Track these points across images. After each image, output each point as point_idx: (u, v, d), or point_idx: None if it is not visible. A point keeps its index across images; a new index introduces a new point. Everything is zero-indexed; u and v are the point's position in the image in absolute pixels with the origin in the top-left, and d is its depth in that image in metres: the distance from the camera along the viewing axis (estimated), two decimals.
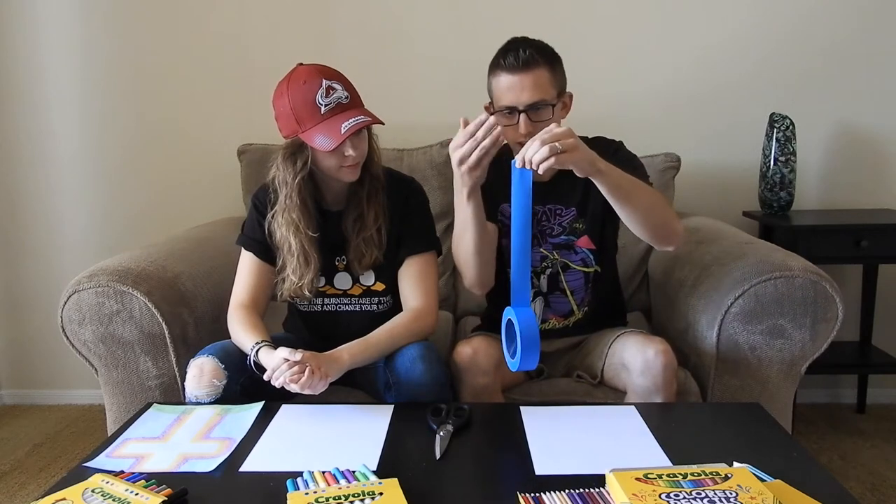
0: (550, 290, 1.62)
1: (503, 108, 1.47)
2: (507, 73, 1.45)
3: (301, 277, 1.45)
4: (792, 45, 2.34)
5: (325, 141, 1.33)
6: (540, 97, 1.44)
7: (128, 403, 1.61)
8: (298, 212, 1.43)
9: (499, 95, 1.48)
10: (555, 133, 1.19)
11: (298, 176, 1.41)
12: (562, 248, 1.60)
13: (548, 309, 1.63)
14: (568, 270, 1.61)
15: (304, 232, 1.44)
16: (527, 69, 1.43)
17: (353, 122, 1.33)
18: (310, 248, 1.45)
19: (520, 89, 1.44)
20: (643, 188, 1.37)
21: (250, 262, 1.51)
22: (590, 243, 1.60)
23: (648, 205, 1.35)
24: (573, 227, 1.59)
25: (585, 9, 2.35)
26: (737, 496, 0.91)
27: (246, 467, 1.11)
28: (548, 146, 1.16)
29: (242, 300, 1.49)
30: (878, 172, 2.40)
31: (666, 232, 1.40)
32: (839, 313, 1.53)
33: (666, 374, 1.41)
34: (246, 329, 1.42)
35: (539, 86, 1.44)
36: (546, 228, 1.59)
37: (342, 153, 1.37)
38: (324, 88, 1.34)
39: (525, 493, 0.97)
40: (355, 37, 2.39)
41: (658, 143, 2.21)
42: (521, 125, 1.45)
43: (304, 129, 1.34)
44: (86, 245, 2.53)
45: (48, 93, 2.46)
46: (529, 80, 1.43)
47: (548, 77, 1.45)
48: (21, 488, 2.05)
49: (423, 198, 1.57)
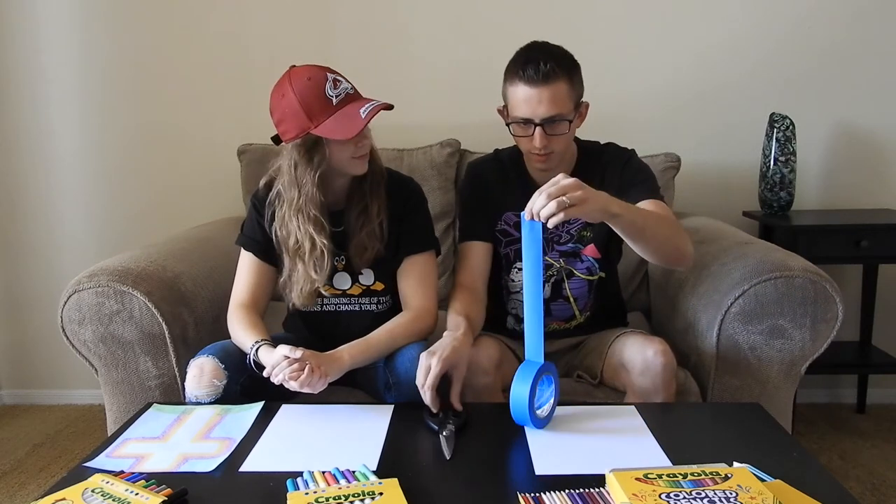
0: (553, 297, 1.61)
1: (519, 118, 1.45)
2: (525, 85, 1.42)
3: (320, 274, 1.44)
4: (792, 45, 2.34)
5: (345, 130, 1.32)
6: (557, 111, 1.42)
7: (128, 403, 1.61)
8: (319, 208, 1.42)
9: (515, 104, 1.45)
10: (562, 186, 1.15)
11: (317, 171, 1.39)
12: (568, 255, 1.60)
13: (549, 317, 1.62)
14: (572, 278, 1.61)
15: (327, 227, 1.43)
16: (546, 83, 1.40)
17: (371, 107, 1.33)
18: (330, 243, 1.44)
19: (537, 102, 1.41)
20: (655, 220, 1.35)
21: (250, 262, 1.51)
22: (595, 252, 1.59)
23: (661, 237, 1.34)
24: (581, 234, 1.58)
25: (585, 9, 2.35)
26: (737, 496, 0.91)
27: (246, 467, 1.11)
28: (555, 201, 1.12)
29: (242, 300, 1.49)
30: (878, 172, 2.40)
31: (676, 257, 1.40)
32: (839, 313, 1.53)
33: (665, 374, 1.41)
34: (246, 328, 1.42)
35: (557, 100, 1.42)
36: (554, 236, 1.59)
37: (355, 143, 1.37)
38: (331, 81, 1.34)
39: (525, 493, 0.97)
40: (355, 37, 2.39)
41: (658, 143, 2.21)
42: (536, 138, 1.43)
43: (318, 122, 1.33)
44: (86, 245, 2.53)
45: (48, 93, 2.46)
46: (548, 94, 1.41)
47: (566, 90, 1.43)
48: (21, 488, 2.05)
49: (422, 198, 1.56)
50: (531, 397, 1.18)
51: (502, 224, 1.60)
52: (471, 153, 2.25)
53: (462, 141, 2.25)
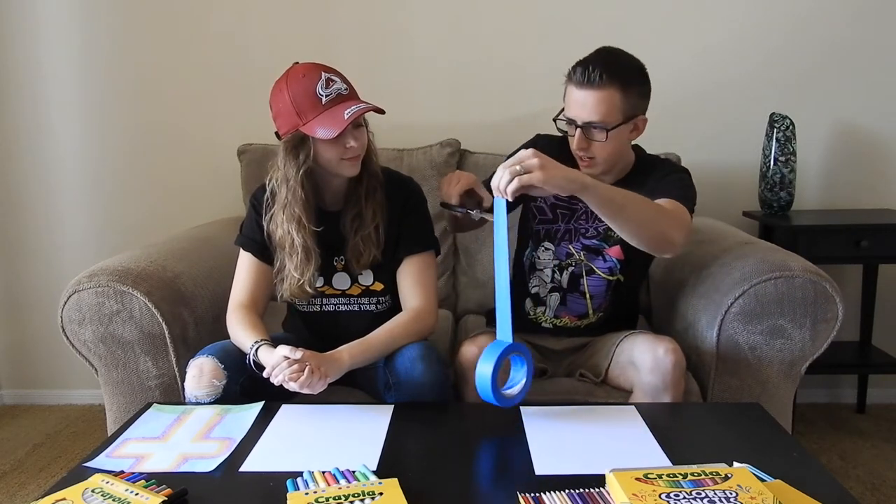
0: (570, 289, 1.62)
1: (564, 117, 1.50)
2: (573, 86, 1.46)
3: (303, 274, 1.45)
4: (792, 45, 2.34)
5: (328, 130, 1.33)
6: (598, 118, 1.44)
7: (128, 403, 1.61)
8: (301, 206, 1.42)
9: (567, 102, 1.49)
10: (517, 157, 1.20)
11: (301, 170, 1.40)
12: (591, 251, 1.60)
13: (563, 307, 1.63)
14: (592, 275, 1.61)
15: (307, 226, 1.43)
16: (591, 87, 1.42)
17: (356, 109, 1.34)
18: (311, 243, 1.45)
19: (580, 105, 1.45)
20: (639, 202, 1.33)
21: (249, 262, 1.51)
22: (620, 253, 1.59)
23: (643, 219, 1.33)
24: (608, 233, 1.58)
25: (585, 9, 2.35)
26: (737, 496, 0.91)
27: (246, 467, 1.11)
28: (508, 170, 1.17)
29: (242, 300, 1.49)
30: (878, 172, 2.40)
31: (660, 242, 1.38)
32: (839, 313, 1.53)
33: (675, 372, 1.41)
34: (245, 328, 1.42)
35: (601, 107, 1.43)
36: (581, 228, 1.60)
37: (343, 144, 1.37)
38: (323, 80, 1.35)
39: (525, 493, 0.97)
40: (355, 37, 2.39)
41: (658, 143, 2.20)
42: (575, 139, 1.47)
43: (306, 120, 1.35)
44: (86, 245, 2.53)
45: (48, 93, 2.46)
46: (592, 99, 1.43)
47: (616, 100, 1.43)
48: (21, 488, 2.05)
49: (421, 197, 1.56)
50: (495, 374, 1.20)
51: (540, 201, 1.63)
52: (471, 153, 2.25)
53: (462, 141, 2.25)
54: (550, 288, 1.64)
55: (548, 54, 2.32)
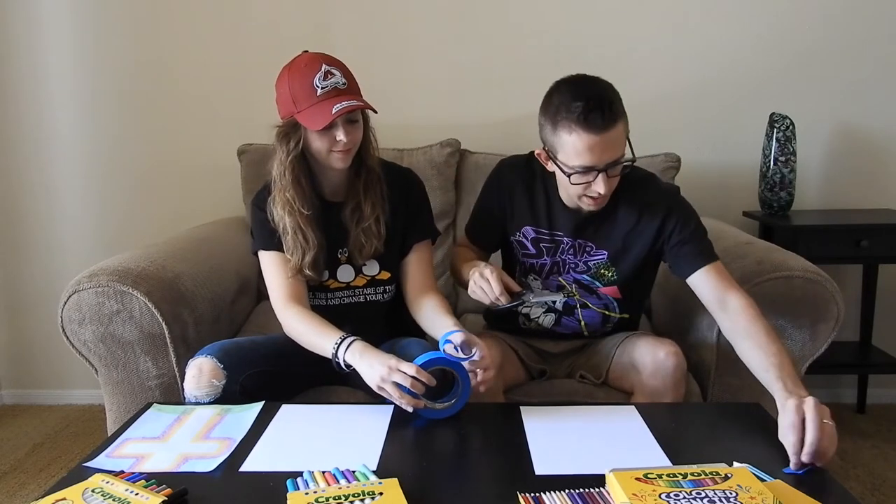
0: (566, 313, 1.59)
1: (579, 167, 1.35)
2: (588, 133, 1.32)
3: (302, 256, 1.44)
4: (792, 45, 2.34)
5: (314, 122, 1.35)
6: (620, 153, 1.36)
7: (128, 403, 1.60)
8: (293, 190, 1.43)
9: (574, 153, 1.34)
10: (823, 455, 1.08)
11: (291, 154, 1.42)
12: (584, 287, 1.55)
13: (558, 326, 1.61)
14: (587, 308, 1.58)
15: (299, 210, 1.44)
16: (608, 128, 1.32)
17: (345, 105, 1.35)
18: (306, 226, 1.44)
19: (601, 150, 1.33)
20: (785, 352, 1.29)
21: (274, 259, 1.49)
22: (617, 293, 1.56)
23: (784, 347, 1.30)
24: (600, 272, 1.53)
25: (586, 9, 2.34)
26: (737, 496, 0.91)
27: (246, 467, 1.11)
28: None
29: (287, 296, 1.45)
30: (878, 172, 2.40)
31: None
32: (839, 313, 1.53)
33: (676, 374, 1.41)
34: (312, 327, 1.39)
35: (620, 141, 1.35)
36: (570, 262, 1.54)
37: (332, 137, 1.38)
38: (322, 72, 1.37)
39: (525, 493, 0.97)
40: (356, 37, 2.39)
41: (658, 143, 2.21)
42: (600, 184, 1.36)
43: (299, 109, 1.37)
44: (86, 245, 2.53)
45: (48, 93, 2.45)
46: (610, 138, 1.33)
47: (624, 128, 1.36)
48: (21, 488, 2.05)
49: (423, 186, 1.60)
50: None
51: (520, 236, 1.57)
52: (471, 153, 2.25)
53: (462, 141, 2.25)
54: (546, 310, 1.60)
55: (548, 54, 2.32)
